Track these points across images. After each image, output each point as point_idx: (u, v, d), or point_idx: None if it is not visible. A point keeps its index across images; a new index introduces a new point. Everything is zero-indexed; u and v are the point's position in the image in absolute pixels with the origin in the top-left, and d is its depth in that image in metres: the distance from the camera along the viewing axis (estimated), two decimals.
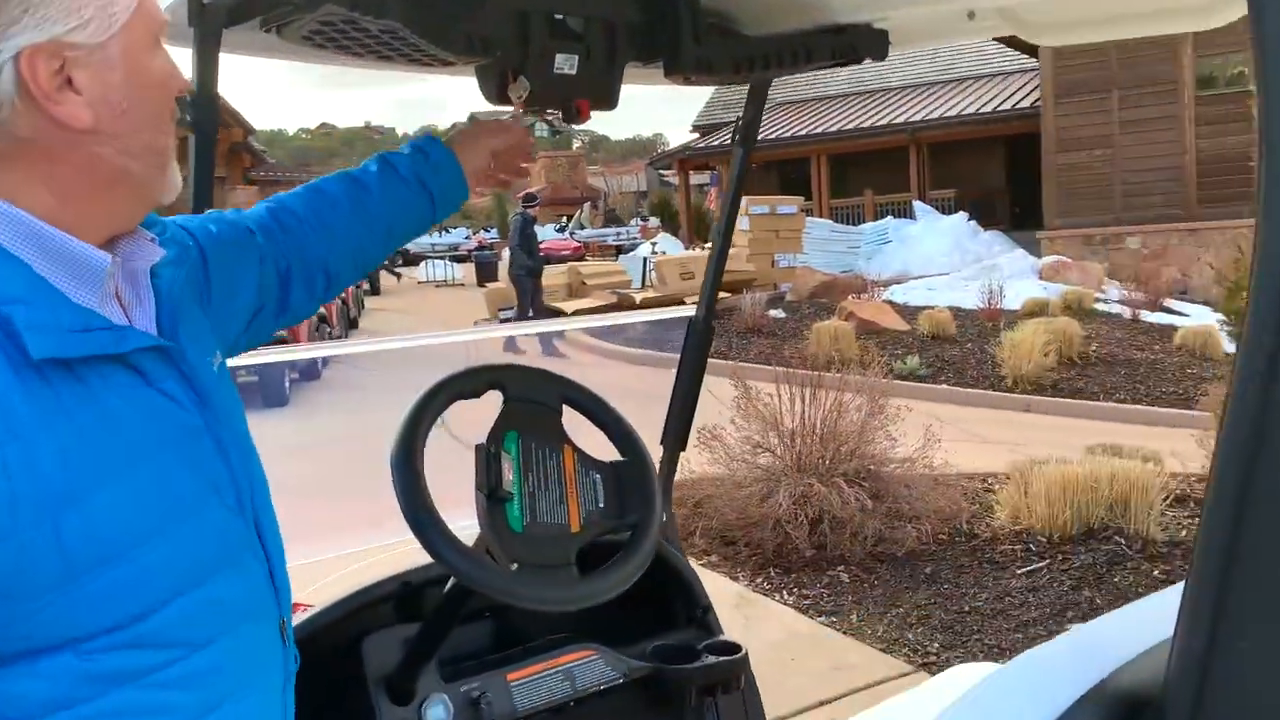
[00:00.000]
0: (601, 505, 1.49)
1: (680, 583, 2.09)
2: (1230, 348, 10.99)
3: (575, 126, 1.75)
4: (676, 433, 2.27)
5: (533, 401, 1.53)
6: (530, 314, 13.65)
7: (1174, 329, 12.13)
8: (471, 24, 1.41)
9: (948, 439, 4.99)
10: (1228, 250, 15.81)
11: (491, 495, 1.39)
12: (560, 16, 1.58)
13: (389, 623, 1.75)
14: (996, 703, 0.77)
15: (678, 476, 2.56)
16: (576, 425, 1.58)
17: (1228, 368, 10.49)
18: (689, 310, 2.23)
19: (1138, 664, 0.74)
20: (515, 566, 1.36)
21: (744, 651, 1.91)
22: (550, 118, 1.66)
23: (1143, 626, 0.77)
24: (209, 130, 1.45)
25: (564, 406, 1.56)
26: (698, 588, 2.12)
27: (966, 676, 1.76)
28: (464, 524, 1.44)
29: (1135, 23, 1.45)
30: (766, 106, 2.05)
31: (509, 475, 1.42)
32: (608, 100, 1.68)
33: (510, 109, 1.61)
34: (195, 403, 0.97)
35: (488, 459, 1.42)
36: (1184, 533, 4.49)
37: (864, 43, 1.78)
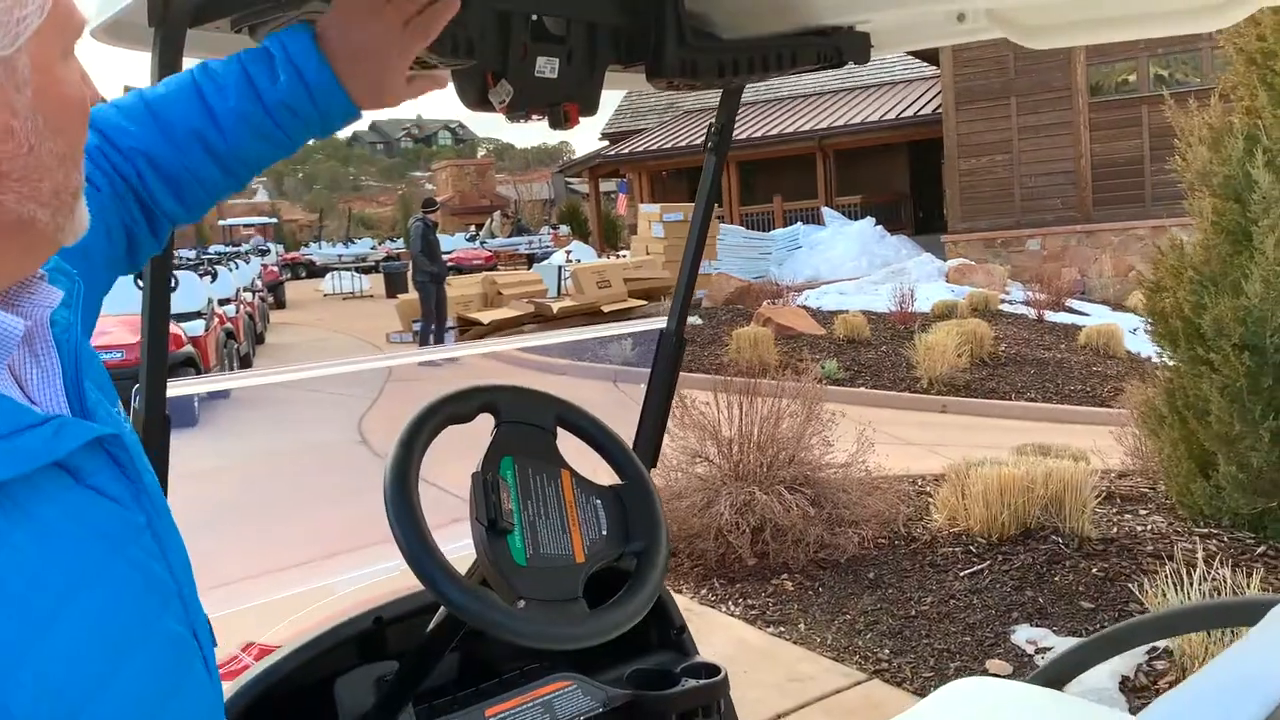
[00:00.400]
0: (605, 532, 1.41)
1: (656, 603, 2.02)
2: (1135, 346, 11.39)
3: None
4: (647, 450, 2.20)
5: (527, 424, 1.45)
6: (435, 322, 13.47)
7: (1077, 328, 12.53)
8: (458, 25, 1.32)
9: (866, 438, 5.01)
10: (1123, 251, 16.45)
11: (492, 526, 1.30)
12: (539, 18, 1.50)
13: (361, 661, 1.65)
14: None
15: None
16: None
17: (1130, 365, 10.90)
18: (660, 322, 2.16)
19: None
20: (522, 603, 1.27)
21: (723, 674, 1.86)
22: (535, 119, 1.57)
23: (1266, 668, 0.73)
24: None
25: (558, 429, 1.49)
26: (672, 608, 2.06)
27: (965, 692, 1.73)
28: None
29: (1135, 24, 1.44)
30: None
31: (508, 504, 1.34)
32: (590, 105, 1.61)
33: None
34: (133, 495, 0.78)
35: (485, 487, 1.33)
36: (1114, 529, 4.59)
37: (848, 46, 1.75)
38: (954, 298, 13.77)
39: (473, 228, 37.38)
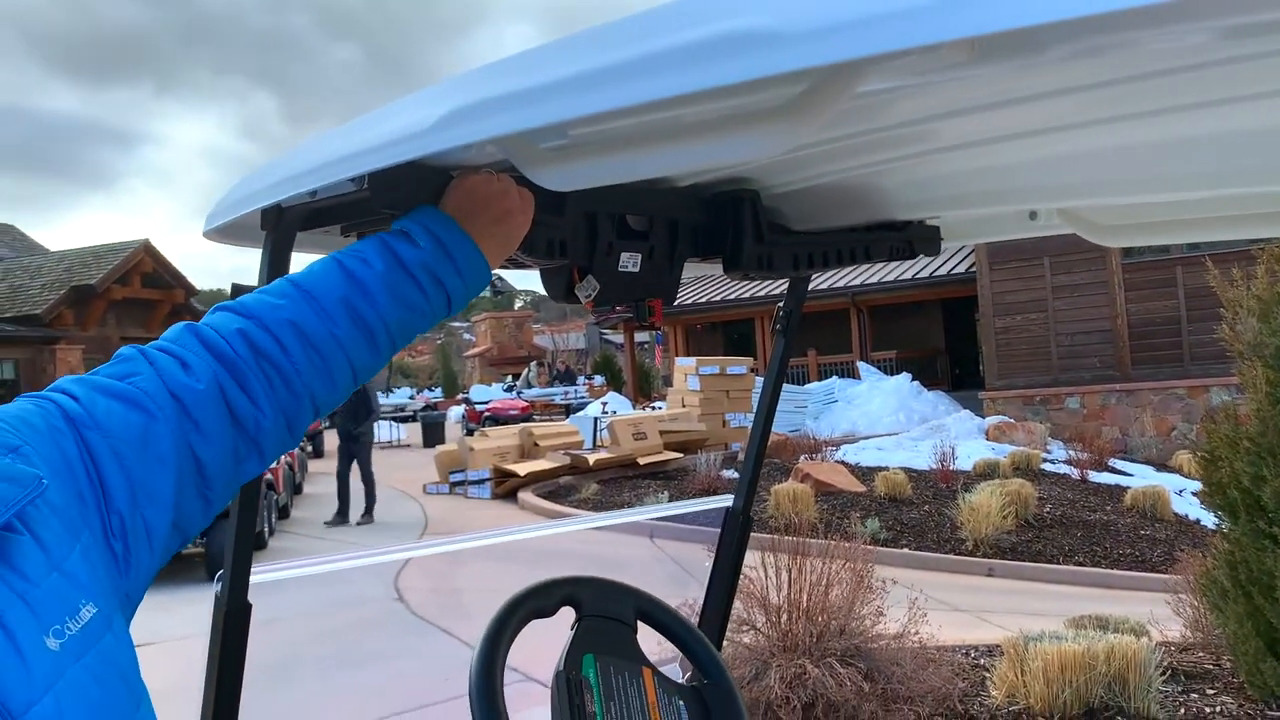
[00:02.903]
0: None
1: None
2: (1183, 509, 11.15)
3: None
4: (712, 635, 2.15)
5: (608, 618, 1.43)
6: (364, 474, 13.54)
7: (1122, 489, 12.28)
8: (553, 229, 1.38)
9: (918, 606, 4.87)
10: (1164, 411, 16.29)
11: None
12: (624, 217, 1.56)
13: None
14: None
15: None
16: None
17: (1179, 529, 10.61)
18: (726, 500, 2.15)
19: None
20: None
21: None
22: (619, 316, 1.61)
23: None
24: None
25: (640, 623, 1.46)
26: None
27: None
28: None
29: (1219, 226, 1.45)
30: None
31: (591, 706, 1.31)
32: (669, 295, 1.66)
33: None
34: None
35: (569, 687, 1.30)
36: (1182, 710, 4.39)
37: (919, 238, 1.79)
38: (995, 456, 13.62)
39: (509, 377, 37.82)
